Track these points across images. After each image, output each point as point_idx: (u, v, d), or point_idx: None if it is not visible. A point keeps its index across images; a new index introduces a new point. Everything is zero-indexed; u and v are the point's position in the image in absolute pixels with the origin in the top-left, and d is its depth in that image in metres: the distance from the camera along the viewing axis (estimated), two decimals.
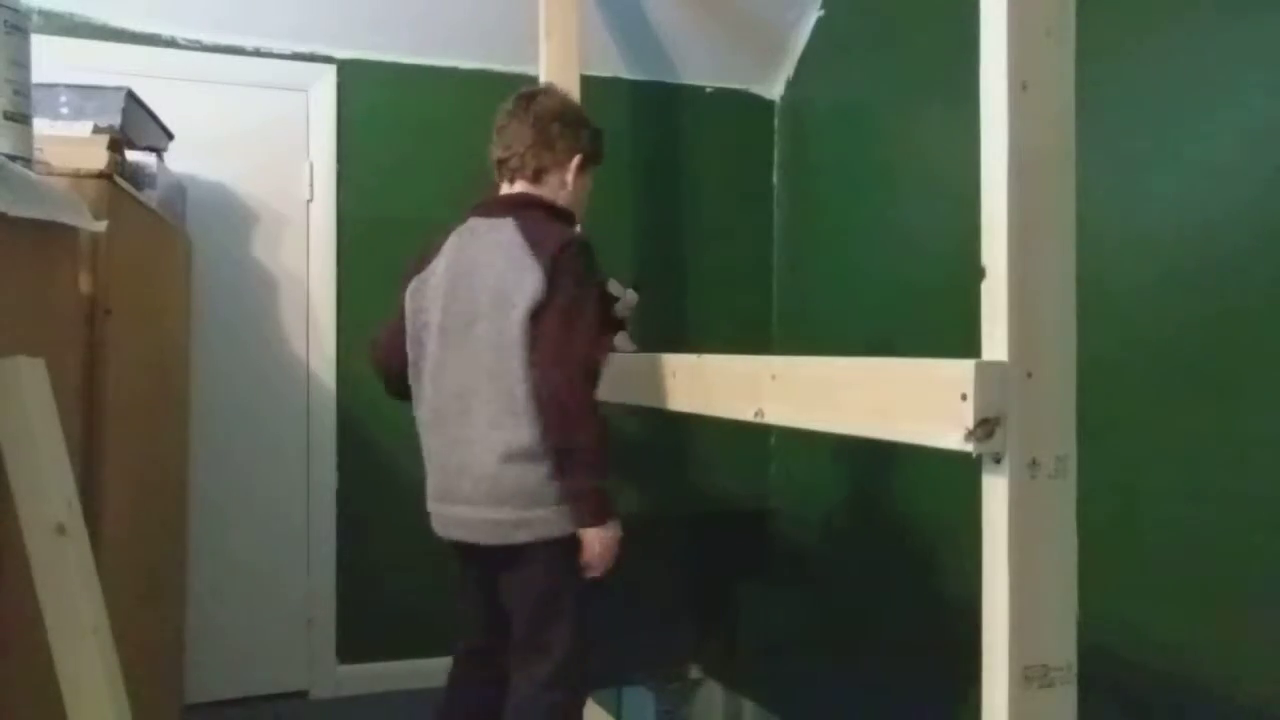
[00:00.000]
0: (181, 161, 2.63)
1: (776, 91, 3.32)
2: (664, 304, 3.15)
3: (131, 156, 2.01)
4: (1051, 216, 1.17)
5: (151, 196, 2.11)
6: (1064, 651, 1.17)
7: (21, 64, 1.37)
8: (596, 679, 2.69)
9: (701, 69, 3.21)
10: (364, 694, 2.88)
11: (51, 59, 2.25)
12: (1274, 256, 1.73)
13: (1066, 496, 1.18)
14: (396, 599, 2.87)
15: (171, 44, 2.73)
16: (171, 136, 2.46)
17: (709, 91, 3.26)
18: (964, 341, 1.25)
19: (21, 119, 1.37)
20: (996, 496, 1.16)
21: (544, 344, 1.76)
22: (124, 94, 2.01)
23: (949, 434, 1.18)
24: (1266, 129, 1.76)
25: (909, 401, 1.27)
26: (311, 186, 2.87)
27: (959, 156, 1.45)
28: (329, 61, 2.87)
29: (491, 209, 1.90)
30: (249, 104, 2.82)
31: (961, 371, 1.16)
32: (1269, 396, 1.74)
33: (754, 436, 3.24)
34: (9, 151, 1.34)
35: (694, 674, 3.29)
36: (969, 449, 1.16)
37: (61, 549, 1.22)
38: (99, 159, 1.63)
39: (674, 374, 1.93)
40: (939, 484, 2.39)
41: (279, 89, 2.84)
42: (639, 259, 3.16)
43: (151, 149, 2.20)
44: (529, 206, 1.88)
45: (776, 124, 3.33)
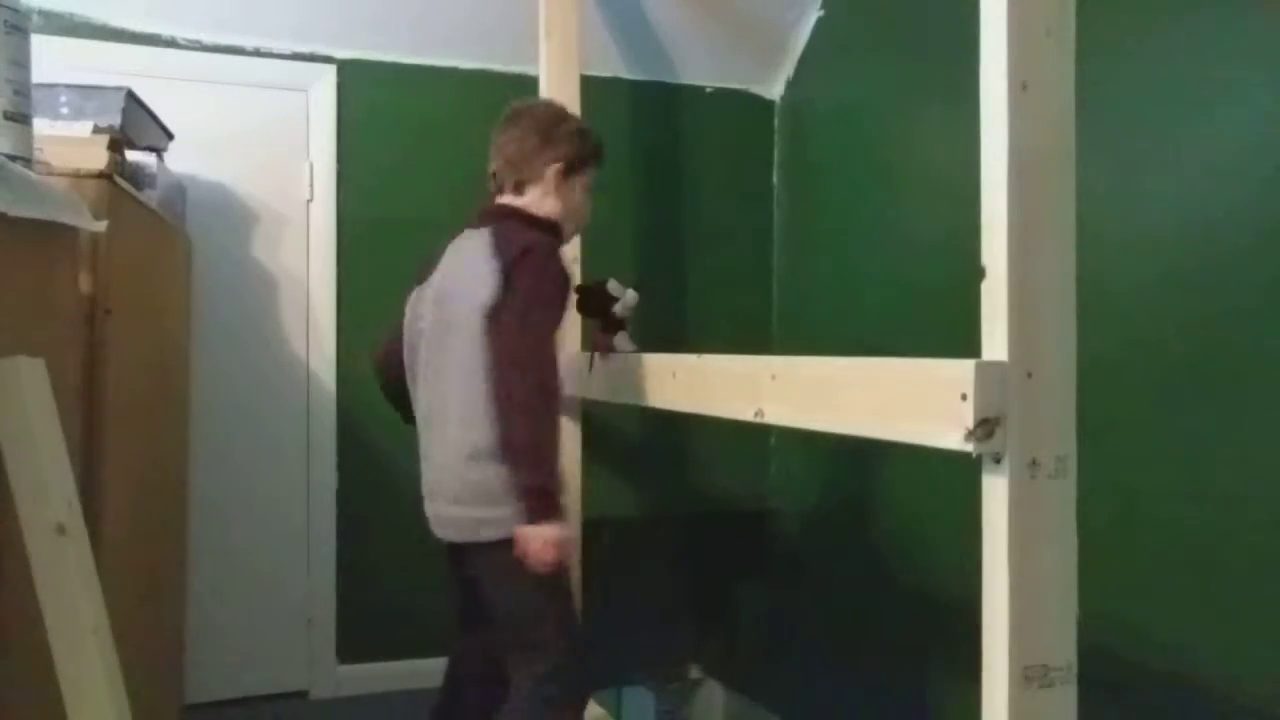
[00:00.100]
0: (181, 161, 2.63)
1: (776, 91, 3.31)
2: (664, 304, 3.15)
3: (131, 156, 2.02)
4: (1051, 216, 1.18)
5: (151, 196, 2.11)
6: (1064, 651, 1.17)
7: (21, 64, 1.37)
8: (597, 679, 2.69)
9: (701, 69, 3.21)
10: (364, 694, 2.87)
11: (51, 59, 2.25)
12: (1274, 256, 1.73)
13: (1066, 496, 1.18)
14: (396, 599, 2.87)
15: (171, 44, 2.73)
16: (171, 136, 2.46)
17: (709, 91, 3.26)
18: (964, 341, 1.25)
19: (21, 119, 1.37)
20: (996, 496, 1.16)
21: (496, 342, 1.80)
22: (124, 94, 2.01)
23: (949, 434, 1.18)
24: (1266, 129, 1.76)
25: (909, 401, 1.27)
26: (311, 186, 2.87)
27: (959, 157, 1.45)
28: (329, 61, 2.86)
29: (478, 220, 2.00)
30: (249, 104, 2.82)
31: (961, 371, 1.16)
32: (1269, 396, 1.74)
33: (754, 436, 3.24)
34: (9, 151, 1.34)
35: (694, 674, 3.29)
36: (969, 449, 1.16)
37: (61, 549, 1.22)
38: (99, 159, 1.63)
39: (674, 374, 1.93)
40: (939, 484, 2.39)
41: (279, 89, 2.84)
42: (639, 259, 3.16)
43: (151, 149, 2.20)
44: (508, 217, 1.97)
45: (776, 124, 3.32)
